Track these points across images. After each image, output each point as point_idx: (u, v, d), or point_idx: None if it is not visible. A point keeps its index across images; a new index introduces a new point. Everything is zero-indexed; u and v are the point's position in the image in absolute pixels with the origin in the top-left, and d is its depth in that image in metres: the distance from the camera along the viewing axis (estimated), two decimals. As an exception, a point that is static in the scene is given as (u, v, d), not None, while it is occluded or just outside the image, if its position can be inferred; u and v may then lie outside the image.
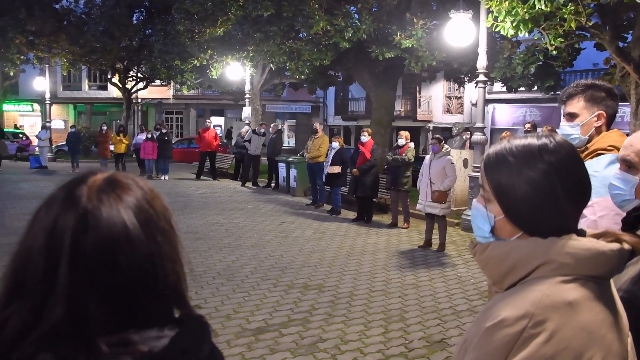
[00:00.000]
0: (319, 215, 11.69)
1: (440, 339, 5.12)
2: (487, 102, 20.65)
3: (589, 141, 2.51)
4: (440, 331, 5.32)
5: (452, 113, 29.45)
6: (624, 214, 2.31)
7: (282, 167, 15.14)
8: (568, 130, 2.54)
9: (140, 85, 28.95)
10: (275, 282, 6.76)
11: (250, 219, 11.06)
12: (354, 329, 5.28)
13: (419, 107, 30.74)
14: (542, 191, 1.14)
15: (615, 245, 1.12)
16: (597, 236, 1.17)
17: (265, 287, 6.55)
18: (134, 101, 31.49)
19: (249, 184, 16.49)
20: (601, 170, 2.34)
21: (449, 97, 29.97)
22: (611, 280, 1.19)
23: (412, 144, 10.42)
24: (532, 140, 1.19)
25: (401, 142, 10.32)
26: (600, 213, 2.32)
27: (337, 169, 11.35)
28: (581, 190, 1.18)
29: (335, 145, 11.64)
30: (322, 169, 12.02)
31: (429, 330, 5.32)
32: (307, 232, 9.84)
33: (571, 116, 2.53)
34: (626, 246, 1.13)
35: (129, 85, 28.32)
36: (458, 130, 13.03)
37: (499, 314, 1.07)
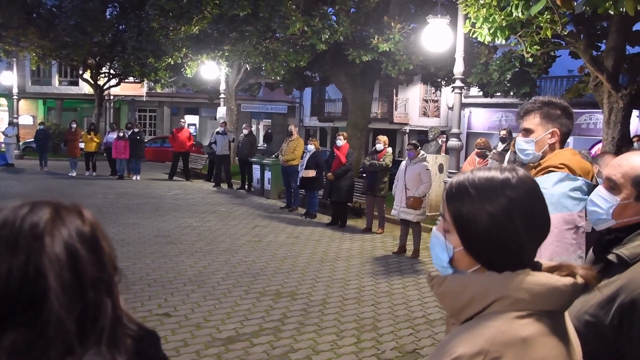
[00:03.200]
0: (293, 219, 11.57)
1: (413, 349, 5.06)
2: (464, 106, 20.79)
3: (542, 157, 2.53)
4: (413, 341, 5.27)
5: (428, 116, 29.60)
6: (571, 233, 2.31)
7: (256, 169, 14.97)
8: (523, 146, 2.59)
9: (113, 82, 28.44)
10: (247, 289, 6.62)
11: (223, 222, 10.88)
12: (326, 339, 5.19)
13: (396, 110, 30.82)
14: (502, 226, 1.14)
15: (568, 280, 1.14)
16: (552, 269, 1.19)
17: (236, 294, 6.41)
18: (106, 98, 30.93)
19: (224, 186, 16.29)
20: (549, 188, 2.38)
21: (426, 100, 30.12)
22: (566, 313, 1.22)
23: (390, 149, 10.33)
24: (495, 174, 1.19)
25: (379, 146, 10.23)
26: None
27: (311, 173, 11.23)
28: (540, 225, 1.19)
29: (311, 148, 11.51)
30: (297, 172, 11.90)
31: (402, 340, 5.26)
32: (280, 237, 9.71)
33: (527, 132, 2.57)
34: (579, 280, 1.16)
35: (101, 82, 27.76)
36: (434, 135, 13.02)
37: (455, 350, 1.09)
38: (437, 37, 10.39)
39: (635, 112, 15.25)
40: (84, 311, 0.95)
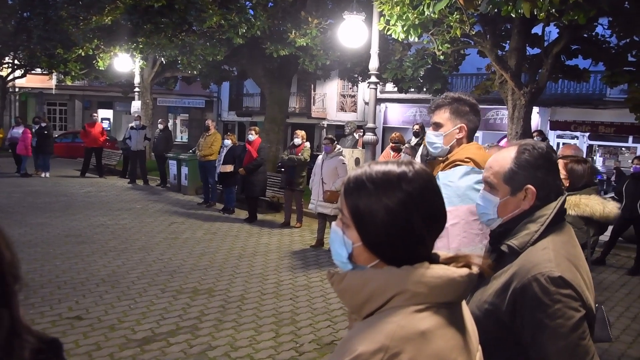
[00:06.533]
0: (210, 215, 11.43)
1: (331, 341, 5.16)
2: (380, 101, 21.26)
3: (450, 151, 2.65)
4: (331, 333, 5.37)
5: (346, 111, 30.05)
6: (477, 224, 2.46)
7: (173, 165, 14.64)
8: (432, 139, 2.69)
9: (18, 73, 26.75)
10: (163, 287, 6.50)
11: (138, 219, 10.58)
12: (245, 334, 5.20)
13: (314, 105, 31.07)
14: (399, 220, 1.14)
15: (464, 271, 1.16)
16: (449, 260, 1.20)
17: (152, 293, 6.28)
18: (10, 90, 29.10)
19: (139, 182, 15.79)
20: (455, 181, 2.51)
21: (343, 95, 30.55)
22: (463, 302, 1.24)
23: (307, 144, 10.44)
24: (392, 168, 1.18)
25: (297, 141, 10.30)
26: (452, 221, 2.45)
27: (229, 168, 11.13)
28: (437, 219, 1.20)
29: (228, 143, 11.41)
30: (214, 167, 11.76)
31: (320, 332, 5.36)
32: (197, 233, 9.58)
33: (437, 126, 2.68)
34: (475, 270, 1.18)
35: (4, 73, 26.06)
36: (350, 130, 13.25)
37: (356, 348, 1.08)
38: (353, 33, 10.54)
39: (535, 109, 16.22)
40: None
